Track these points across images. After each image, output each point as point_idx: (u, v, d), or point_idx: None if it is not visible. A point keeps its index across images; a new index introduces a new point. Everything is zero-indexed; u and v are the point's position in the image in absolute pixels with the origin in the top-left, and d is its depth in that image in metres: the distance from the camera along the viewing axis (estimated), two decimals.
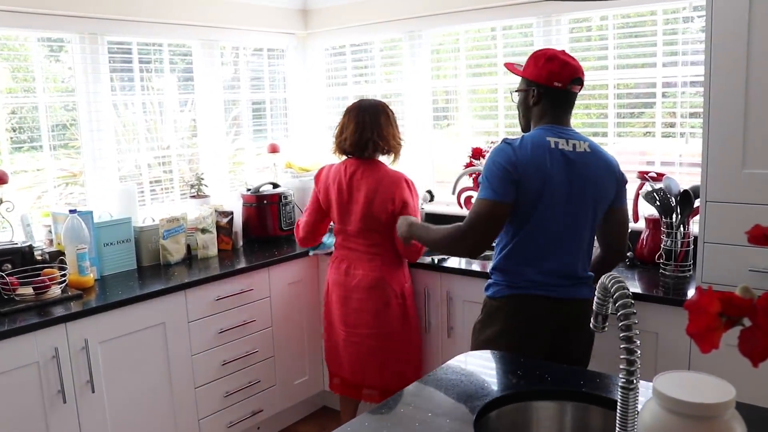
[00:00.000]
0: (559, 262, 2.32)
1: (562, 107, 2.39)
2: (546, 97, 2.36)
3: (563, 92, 2.36)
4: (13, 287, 2.76)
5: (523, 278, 2.32)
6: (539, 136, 2.31)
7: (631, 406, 1.27)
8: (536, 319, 2.31)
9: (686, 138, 3.20)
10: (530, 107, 2.41)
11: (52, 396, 2.62)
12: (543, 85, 2.35)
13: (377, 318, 3.07)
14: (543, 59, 2.35)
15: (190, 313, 3.11)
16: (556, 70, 2.32)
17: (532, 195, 2.25)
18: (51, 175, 3.43)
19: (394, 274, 3.10)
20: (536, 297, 2.30)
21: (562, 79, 2.33)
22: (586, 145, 2.34)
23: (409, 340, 3.18)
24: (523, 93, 2.44)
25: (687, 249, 2.85)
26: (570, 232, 2.33)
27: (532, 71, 2.37)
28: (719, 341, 0.92)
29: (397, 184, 3.00)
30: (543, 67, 2.34)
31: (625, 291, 1.31)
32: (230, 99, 4.27)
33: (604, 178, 2.35)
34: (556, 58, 2.34)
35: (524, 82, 2.44)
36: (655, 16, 3.21)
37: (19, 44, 3.37)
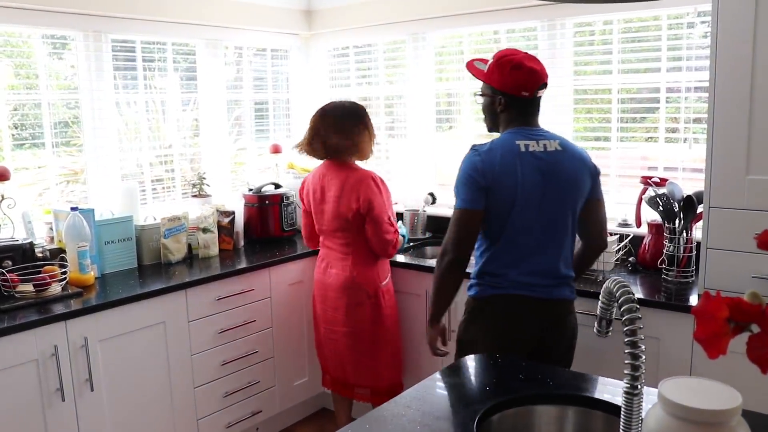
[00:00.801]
0: (541, 263, 2.35)
1: (529, 112, 2.41)
2: (513, 105, 2.38)
3: (530, 99, 2.37)
4: (14, 284, 2.75)
5: (506, 279, 2.34)
6: (508, 141, 2.33)
7: (635, 411, 1.27)
8: (520, 318, 2.34)
9: (689, 143, 3.19)
10: (497, 113, 2.43)
11: (50, 394, 2.61)
12: (510, 94, 2.36)
13: (348, 317, 3.13)
14: (509, 68, 2.34)
15: (191, 313, 3.10)
16: (523, 81, 2.33)
17: (505, 200, 2.28)
18: (53, 172, 3.43)
19: (366, 274, 3.11)
20: (520, 297, 2.33)
21: (529, 89, 2.34)
22: (556, 143, 2.36)
23: (382, 339, 3.18)
24: (488, 98, 2.45)
25: (690, 255, 2.85)
26: (550, 232, 2.35)
27: (498, 79, 2.37)
28: (727, 347, 0.92)
29: (360, 182, 3.02)
30: (509, 76, 2.33)
31: (630, 296, 1.30)
32: (233, 99, 4.26)
33: (578, 174, 2.37)
34: (522, 66, 2.33)
35: (489, 87, 2.43)
36: (659, 21, 3.21)
37: (22, 41, 3.36)
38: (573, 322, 2.45)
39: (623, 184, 3.43)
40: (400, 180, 4.31)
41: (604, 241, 2.56)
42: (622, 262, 3.15)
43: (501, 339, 2.33)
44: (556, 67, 3.50)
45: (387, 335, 3.20)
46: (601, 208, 2.50)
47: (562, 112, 3.52)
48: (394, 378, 3.25)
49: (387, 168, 4.44)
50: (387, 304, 3.18)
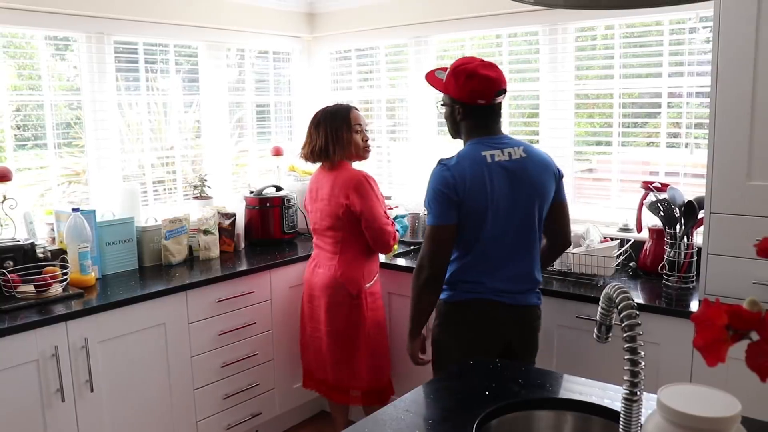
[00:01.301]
0: (515, 269, 2.41)
1: (490, 119, 2.44)
2: (472, 114, 2.41)
3: (489, 107, 2.40)
4: (15, 284, 2.75)
5: (481, 286, 2.40)
6: (474, 152, 2.36)
7: (635, 417, 1.27)
8: (492, 322, 2.41)
9: (691, 149, 3.19)
10: (457, 122, 2.46)
11: (50, 394, 2.61)
12: (466, 104, 2.39)
13: (329, 316, 3.13)
14: (463, 77, 2.36)
15: (191, 315, 3.11)
16: (479, 89, 2.36)
17: (477, 212, 2.33)
18: (54, 173, 3.43)
19: (351, 274, 3.09)
20: (492, 302, 2.39)
21: (485, 97, 2.37)
22: (521, 150, 2.41)
23: (362, 341, 3.14)
24: (449, 108, 2.48)
25: (690, 260, 2.84)
26: (522, 239, 2.41)
27: (454, 89, 2.40)
28: (726, 355, 0.91)
29: (349, 181, 3.02)
30: (465, 86, 2.36)
31: (630, 302, 1.30)
32: (235, 101, 4.27)
33: (543, 179, 2.42)
34: (476, 74, 2.35)
35: (447, 97, 2.47)
36: (661, 26, 3.21)
37: (25, 42, 3.37)
38: (539, 326, 2.54)
39: (624, 189, 3.43)
40: (401, 183, 4.31)
41: (568, 241, 2.66)
42: (622, 267, 3.15)
43: (473, 342, 2.40)
44: (558, 72, 3.50)
45: (368, 338, 3.15)
46: (565, 210, 2.59)
47: (563, 116, 3.52)
48: (373, 382, 3.20)
49: (388, 171, 4.44)
50: (370, 306, 3.15)
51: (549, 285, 2.93)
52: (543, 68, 3.55)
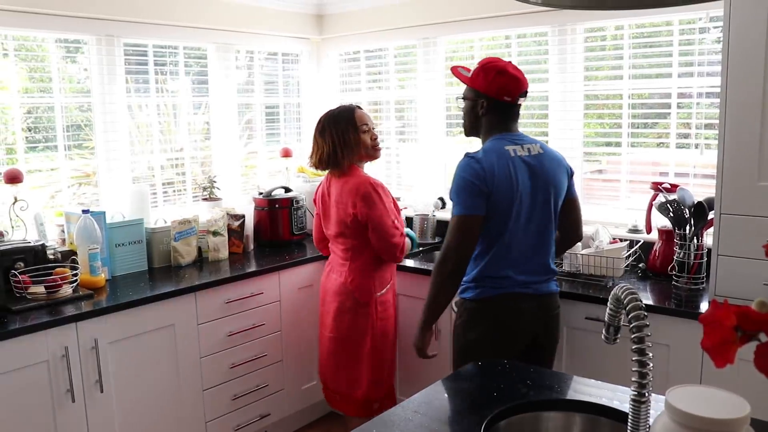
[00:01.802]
0: (537, 261, 2.50)
1: (510, 118, 2.52)
2: (495, 110, 2.48)
3: (511, 105, 2.49)
4: (26, 285, 2.77)
5: (508, 281, 2.44)
6: (499, 146, 2.43)
7: (643, 419, 1.26)
8: (521, 314, 2.47)
9: (701, 149, 3.18)
10: (479, 117, 2.52)
11: (61, 395, 2.62)
12: (492, 98, 2.46)
13: (335, 322, 3.07)
14: (494, 72, 2.44)
15: (200, 316, 3.12)
16: (507, 86, 2.44)
17: (504, 205, 2.38)
18: (65, 174, 3.45)
19: (361, 282, 3.00)
20: (520, 295, 2.46)
21: (511, 94, 2.46)
22: (538, 147, 2.51)
23: (367, 350, 3.03)
24: (471, 102, 2.54)
25: (700, 261, 2.83)
26: (541, 232, 2.49)
27: (482, 83, 2.47)
28: (734, 356, 0.91)
29: (357, 188, 2.92)
30: (494, 81, 2.44)
31: (638, 303, 1.30)
32: (244, 102, 4.28)
33: (558, 175, 2.52)
34: (506, 72, 2.45)
35: (472, 91, 2.53)
36: (671, 26, 3.20)
37: (36, 45, 3.39)
38: (559, 314, 2.62)
39: (633, 190, 3.42)
40: (410, 184, 4.31)
41: (581, 234, 2.73)
42: (632, 268, 3.13)
43: (502, 337, 2.45)
44: (567, 73, 3.49)
45: (373, 348, 3.04)
46: (577, 205, 2.68)
47: (573, 117, 3.51)
48: (371, 393, 3.08)
49: (397, 172, 4.44)
50: (380, 315, 3.05)
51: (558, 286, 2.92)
52: (552, 69, 3.55)
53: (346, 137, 2.98)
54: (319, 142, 3.04)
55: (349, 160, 2.99)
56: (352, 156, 3.00)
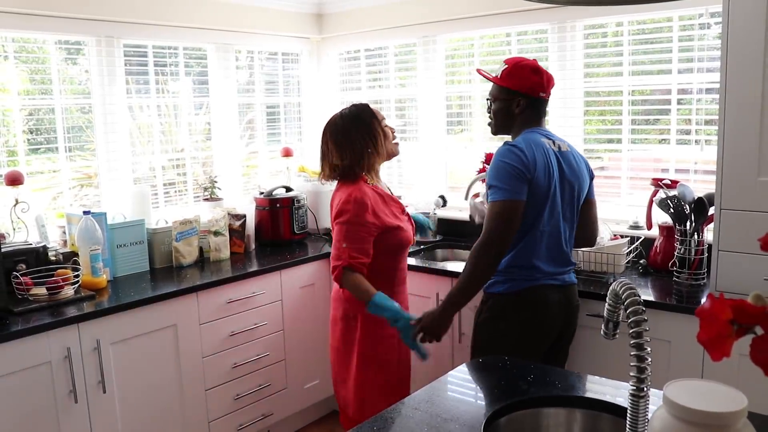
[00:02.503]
0: (563, 253, 2.54)
1: (543, 113, 2.60)
2: (531, 106, 2.53)
3: (545, 101, 2.57)
4: (27, 287, 2.78)
5: (537, 271, 2.46)
6: (536, 139, 2.46)
7: (642, 413, 1.26)
8: (550, 308, 2.50)
9: (701, 145, 3.17)
10: (514, 115, 2.54)
11: (63, 396, 2.63)
12: (529, 95, 2.51)
13: (330, 330, 2.85)
14: (528, 70, 2.50)
15: (202, 316, 3.12)
16: (542, 82, 2.51)
17: (542, 194, 2.40)
18: (66, 176, 3.46)
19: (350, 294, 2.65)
20: (548, 286, 2.49)
21: (546, 91, 2.54)
22: (565, 145, 2.57)
23: (352, 364, 2.73)
24: (504, 101, 2.55)
25: (701, 257, 2.83)
26: (568, 225, 2.55)
27: (518, 82, 2.50)
28: (731, 349, 0.91)
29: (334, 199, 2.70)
30: (529, 78, 2.50)
31: (636, 298, 1.30)
32: (245, 102, 4.28)
33: (583, 173, 2.59)
34: (539, 70, 2.52)
35: (505, 91, 2.54)
36: (670, 23, 3.19)
37: (37, 47, 3.40)
38: (579, 305, 2.69)
39: (634, 186, 3.42)
40: (411, 183, 4.32)
41: (595, 237, 2.78)
42: (633, 264, 3.13)
43: (533, 330, 2.48)
44: (567, 70, 3.49)
45: (358, 365, 2.70)
46: (595, 207, 2.73)
47: (573, 114, 3.51)
48: (357, 415, 2.70)
49: (398, 171, 4.45)
50: (367, 333, 2.68)
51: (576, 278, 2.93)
52: (552, 66, 3.54)
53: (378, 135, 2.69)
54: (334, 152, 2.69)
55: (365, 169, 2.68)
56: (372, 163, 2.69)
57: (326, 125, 2.74)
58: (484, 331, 2.53)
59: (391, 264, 2.72)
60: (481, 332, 2.54)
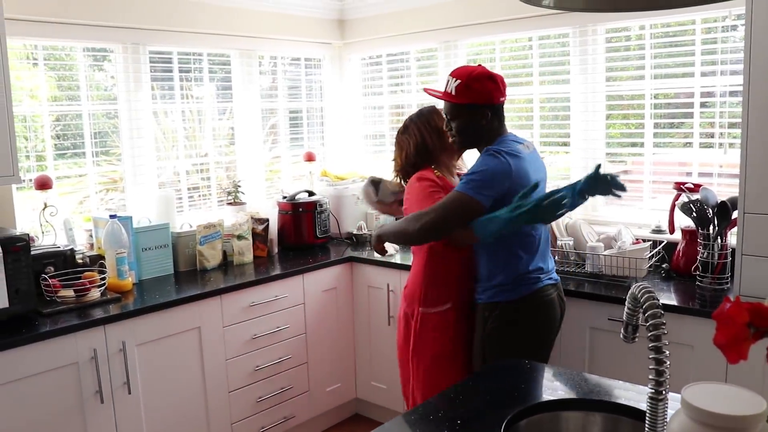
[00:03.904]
0: (546, 253, 2.61)
1: (503, 118, 2.57)
2: (497, 113, 2.52)
3: (503, 105, 2.54)
4: (55, 289, 2.83)
5: (532, 275, 2.49)
6: (512, 146, 2.45)
7: (660, 417, 1.26)
8: (554, 305, 2.55)
9: (725, 148, 3.15)
10: (482, 128, 2.50)
11: (90, 396, 2.68)
12: (492, 105, 2.48)
13: (397, 327, 2.87)
14: (484, 79, 2.46)
15: (225, 318, 3.16)
16: (499, 88, 2.50)
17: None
18: (93, 180, 3.52)
19: (411, 290, 2.72)
20: (549, 286, 2.54)
21: (504, 94, 2.53)
22: (532, 145, 2.61)
23: (413, 367, 2.72)
24: (469, 117, 2.49)
25: (724, 261, 2.81)
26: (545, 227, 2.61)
27: (477, 95, 2.45)
28: (747, 352, 0.92)
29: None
30: (487, 88, 2.46)
31: (654, 302, 1.30)
32: (268, 108, 4.32)
33: (545, 171, 2.65)
34: (492, 76, 2.48)
35: (465, 107, 2.48)
36: (693, 25, 3.17)
37: (65, 54, 3.47)
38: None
39: (657, 190, 3.40)
40: None
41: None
42: (655, 268, 3.11)
43: (544, 331, 2.54)
44: (588, 73, 3.49)
45: (417, 367, 2.68)
46: None
47: (595, 118, 3.50)
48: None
49: None
50: (419, 333, 2.64)
51: (581, 287, 2.92)
52: (573, 70, 3.54)
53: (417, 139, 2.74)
54: (399, 144, 2.79)
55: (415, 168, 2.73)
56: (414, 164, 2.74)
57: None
58: (494, 341, 2.49)
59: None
60: (491, 342, 2.50)
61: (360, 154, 4.69)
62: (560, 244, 3.15)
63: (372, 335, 3.72)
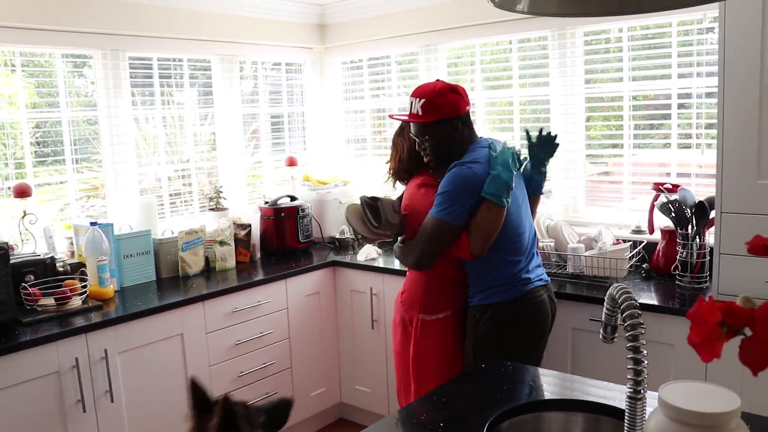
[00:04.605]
0: (535, 255, 2.64)
1: (473, 124, 2.63)
2: (466, 123, 2.57)
3: (469, 113, 2.59)
4: (36, 298, 2.81)
5: (522, 277, 2.51)
6: (480, 152, 2.49)
7: (639, 416, 1.28)
8: (544, 306, 2.57)
9: (702, 149, 3.19)
10: (455, 139, 2.53)
11: (72, 405, 2.66)
12: (461, 116, 2.53)
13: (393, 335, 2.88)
14: (447, 93, 2.50)
15: (208, 325, 3.15)
16: (463, 97, 2.54)
17: (514, 205, 2.50)
18: (73, 188, 3.50)
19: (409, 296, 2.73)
20: (538, 288, 2.56)
21: (468, 103, 2.57)
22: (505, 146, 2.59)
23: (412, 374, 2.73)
24: (441, 133, 2.52)
25: (703, 260, 2.84)
26: (531, 224, 2.64)
27: (445, 110, 2.48)
28: (721, 350, 0.93)
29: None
30: (452, 100, 2.50)
31: (632, 302, 1.32)
32: (249, 113, 4.32)
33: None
34: (453, 87, 2.53)
35: (437, 123, 2.50)
36: (669, 28, 3.21)
37: (44, 60, 3.45)
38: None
39: (636, 191, 3.43)
40: None
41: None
42: (635, 268, 3.14)
43: (536, 333, 2.56)
44: (568, 76, 3.52)
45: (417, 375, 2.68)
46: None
47: (574, 120, 3.53)
48: None
49: None
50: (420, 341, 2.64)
51: (562, 288, 2.94)
52: (553, 72, 3.57)
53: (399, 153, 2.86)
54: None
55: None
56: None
57: None
58: (486, 343, 2.51)
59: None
60: (483, 344, 2.51)
61: (342, 159, 4.69)
62: (541, 245, 3.17)
63: (356, 339, 3.73)
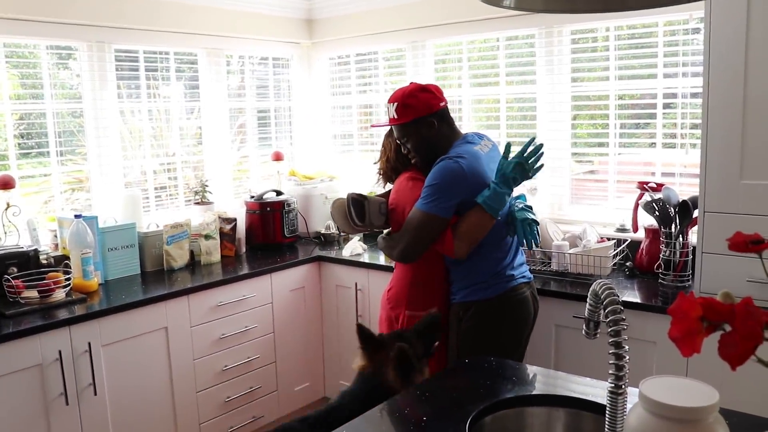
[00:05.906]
0: (519, 252, 2.65)
1: (452, 120, 2.64)
2: (444, 118, 2.58)
3: (447, 108, 2.60)
4: (19, 290, 2.79)
5: (505, 273, 2.53)
6: (469, 149, 2.50)
7: (620, 410, 1.29)
8: (527, 303, 2.58)
9: (686, 149, 3.21)
10: (433, 137, 2.54)
11: (54, 398, 2.64)
12: (435, 113, 2.53)
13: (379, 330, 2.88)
14: (418, 92, 2.52)
15: (193, 318, 3.14)
16: (435, 94, 2.55)
17: None
18: (57, 180, 3.47)
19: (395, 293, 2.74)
20: (522, 284, 2.58)
21: (442, 99, 2.58)
22: (490, 141, 2.64)
23: None
24: (417, 132, 2.54)
25: (686, 259, 2.87)
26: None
27: (416, 108, 2.50)
28: (700, 345, 0.94)
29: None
30: (422, 98, 2.52)
31: (615, 298, 1.33)
32: (236, 107, 4.30)
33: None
34: (424, 87, 2.55)
35: (412, 124, 2.52)
36: (655, 28, 3.23)
37: (29, 52, 3.42)
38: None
39: (622, 190, 3.45)
40: None
41: None
42: (619, 267, 3.17)
43: (518, 330, 2.56)
44: (555, 74, 3.53)
45: None
46: None
47: (561, 118, 3.55)
48: None
49: None
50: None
51: (547, 285, 2.96)
52: (540, 71, 3.58)
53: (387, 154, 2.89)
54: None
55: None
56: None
57: None
58: (469, 339, 2.52)
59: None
60: (466, 340, 2.53)
61: (328, 154, 4.69)
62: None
63: (340, 334, 3.73)
